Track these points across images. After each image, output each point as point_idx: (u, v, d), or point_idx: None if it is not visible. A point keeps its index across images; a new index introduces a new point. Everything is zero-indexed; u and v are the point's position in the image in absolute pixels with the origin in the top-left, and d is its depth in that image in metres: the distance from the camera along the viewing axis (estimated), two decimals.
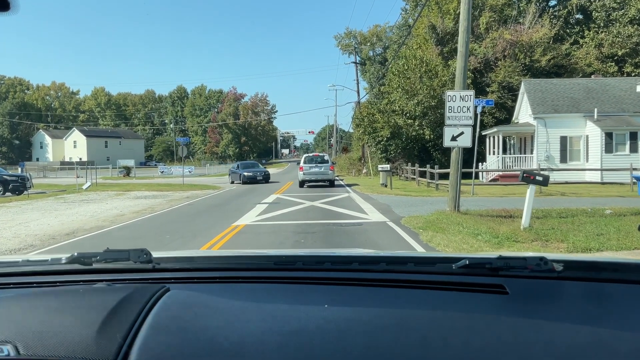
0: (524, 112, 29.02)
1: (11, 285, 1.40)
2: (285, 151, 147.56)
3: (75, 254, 1.43)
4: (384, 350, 0.88)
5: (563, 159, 25.85)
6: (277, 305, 1.14)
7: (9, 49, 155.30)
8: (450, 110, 10.94)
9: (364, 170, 39.54)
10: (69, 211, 15.73)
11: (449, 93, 11.05)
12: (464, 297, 1.23)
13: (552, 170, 22.77)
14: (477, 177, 28.32)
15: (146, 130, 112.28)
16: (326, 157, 26.58)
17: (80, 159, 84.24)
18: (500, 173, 26.29)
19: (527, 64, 32.76)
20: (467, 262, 1.31)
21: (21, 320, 1.01)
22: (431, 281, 1.32)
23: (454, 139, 10.93)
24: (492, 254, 1.39)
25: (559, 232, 8.83)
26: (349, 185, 26.04)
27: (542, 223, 9.83)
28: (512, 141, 30.27)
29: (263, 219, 11.94)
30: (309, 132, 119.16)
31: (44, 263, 1.51)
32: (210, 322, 1.01)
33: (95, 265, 1.41)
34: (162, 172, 51.05)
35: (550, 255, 1.34)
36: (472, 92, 11.04)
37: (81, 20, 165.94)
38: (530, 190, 9.03)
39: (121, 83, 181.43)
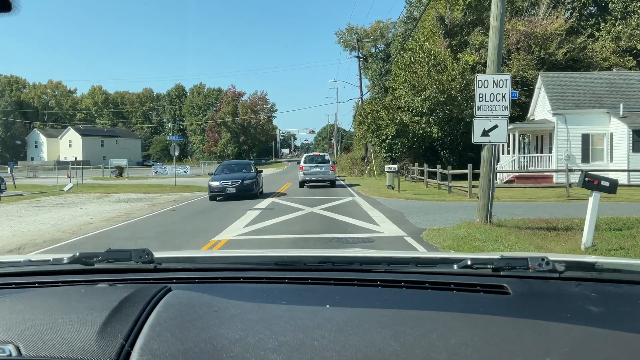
0: (540, 108, 26.93)
1: (13, 286, 1.40)
2: (286, 151, 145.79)
3: (77, 254, 1.45)
4: (385, 351, 0.86)
5: (585, 159, 23.73)
6: (278, 306, 1.11)
7: (5, 48, 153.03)
8: (481, 99, 8.87)
9: (370, 170, 37.41)
10: (32, 218, 13.70)
11: (480, 77, 8.98)
12: (466, 297, 1.22)
13: (573, 171, 20.63)
14: None
15: (144, 130, 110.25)
16: (327, 157, 25.64)
17: (76, 158, 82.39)
18: (516, 174, 24.26)
19: (543, 57, 30.69)
20: (469, 262, 1.31)
21: (23, 321, 0.99)
22: (432, 281, 1.30)
23: (485, 133, 8.86)
24: (494, 254, 1.39)
25: (632, 254, 6.81)
26: (352, 187, 23.97)
27: (599, 239, 7.80)
28: (526, 139, 28.19)
29: (251, 231, 9.87)
30: (309, 131, 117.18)
31: (45, 263, 1.53)
32: (211, 322, 0.98)
33: (97, 266, 1.43)
34: (156, 172, 48.86)
35: (551, 255, 1.31)
36: (508, 76, 8.97)
37: (78, 18, 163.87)
38: (593, 199, 6.97)
39: (118, 81, 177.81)
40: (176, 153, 32.30)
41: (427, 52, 29.38)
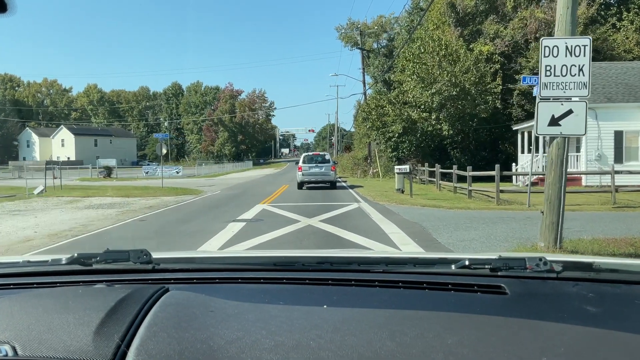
0: None
1: (11, 286, 1.39)
2: (285, 150, 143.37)
3: (75, 254, 1.44)
4: (381, 351, 0.85)
5: (618, 159, 21.09)
6: (275, 306, 1.10)
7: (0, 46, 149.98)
8: (548, 72, 6.26)
9: (374, 171, 34.72)
10: None
11: (546, 43, 6.38)
12: (463, 297, 1.21)
13: (620, 172, 17.97)
14: (510, 180, 23.77)
15: (140, 129, 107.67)
16: (327, 157, 23.49)
17: (68, 158, 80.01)
18: (540, 176, 21.62)
19: None
20: (467, 263, 1.30)
21: (20, 321, 0.99)
22: (430, 282, 1.30)
23: (554, 121, 6.27)
24: (492, 254, 1.38)
25: None
26: (356, 190, 21.34)
27: None
28: (547, 137, 25.51)
29: None
30: (309, 131, 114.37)
31: (44, 264, 1.53)
32: (208, 322, 0.97)
33: (95, 266, 1.42)
34: (146, 172, 46.15)
35: (549, 255, 1.29)
36: (588, 41, 6.37)
37: (73, 16, 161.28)
38: None
39: (115, 76, 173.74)
40: (164, 152, 29.67)
41: (438, 42, 26.76)
